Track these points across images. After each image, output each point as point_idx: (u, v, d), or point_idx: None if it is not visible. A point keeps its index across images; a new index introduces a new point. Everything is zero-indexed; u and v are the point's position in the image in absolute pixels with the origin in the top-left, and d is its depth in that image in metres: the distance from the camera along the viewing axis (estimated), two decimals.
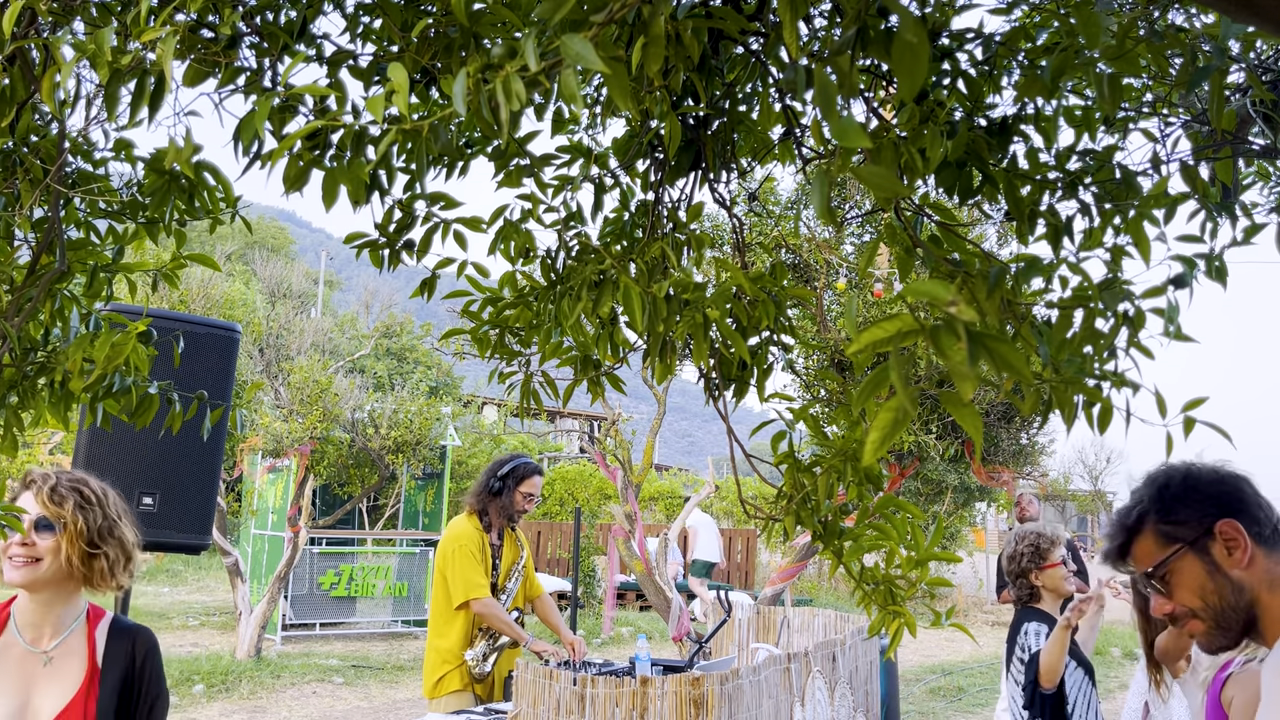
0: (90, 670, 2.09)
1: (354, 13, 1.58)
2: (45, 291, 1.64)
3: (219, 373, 3.39)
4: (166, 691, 2.23)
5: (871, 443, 0.86)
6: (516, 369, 1.93)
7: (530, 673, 3.69)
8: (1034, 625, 3.59)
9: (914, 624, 1.74)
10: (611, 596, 13.22)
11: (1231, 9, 1.19)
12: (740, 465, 2.12)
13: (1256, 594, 1.44)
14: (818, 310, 7.78)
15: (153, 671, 2.20)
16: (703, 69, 1.59)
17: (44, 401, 1.74)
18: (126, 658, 2.15)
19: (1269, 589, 1.44)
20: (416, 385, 21.91)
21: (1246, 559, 1.45)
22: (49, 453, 12.32)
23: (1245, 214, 1.62)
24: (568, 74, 0.94)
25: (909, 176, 1.48)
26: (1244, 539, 1.45)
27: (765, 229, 7.86)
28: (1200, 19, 1.57)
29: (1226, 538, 1.46)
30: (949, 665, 12.03)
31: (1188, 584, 1.49)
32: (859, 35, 1.08)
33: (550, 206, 1.78)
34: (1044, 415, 1.45)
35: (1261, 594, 1.44)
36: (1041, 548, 3.70)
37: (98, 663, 2.11)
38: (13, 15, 1.24)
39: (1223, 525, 1.46)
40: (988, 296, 1.25)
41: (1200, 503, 1.49)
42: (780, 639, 6.07)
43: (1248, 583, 1.45)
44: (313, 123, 1.18)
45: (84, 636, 2.13)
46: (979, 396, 7.57)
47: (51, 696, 2.03)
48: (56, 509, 2.05)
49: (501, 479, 4.40)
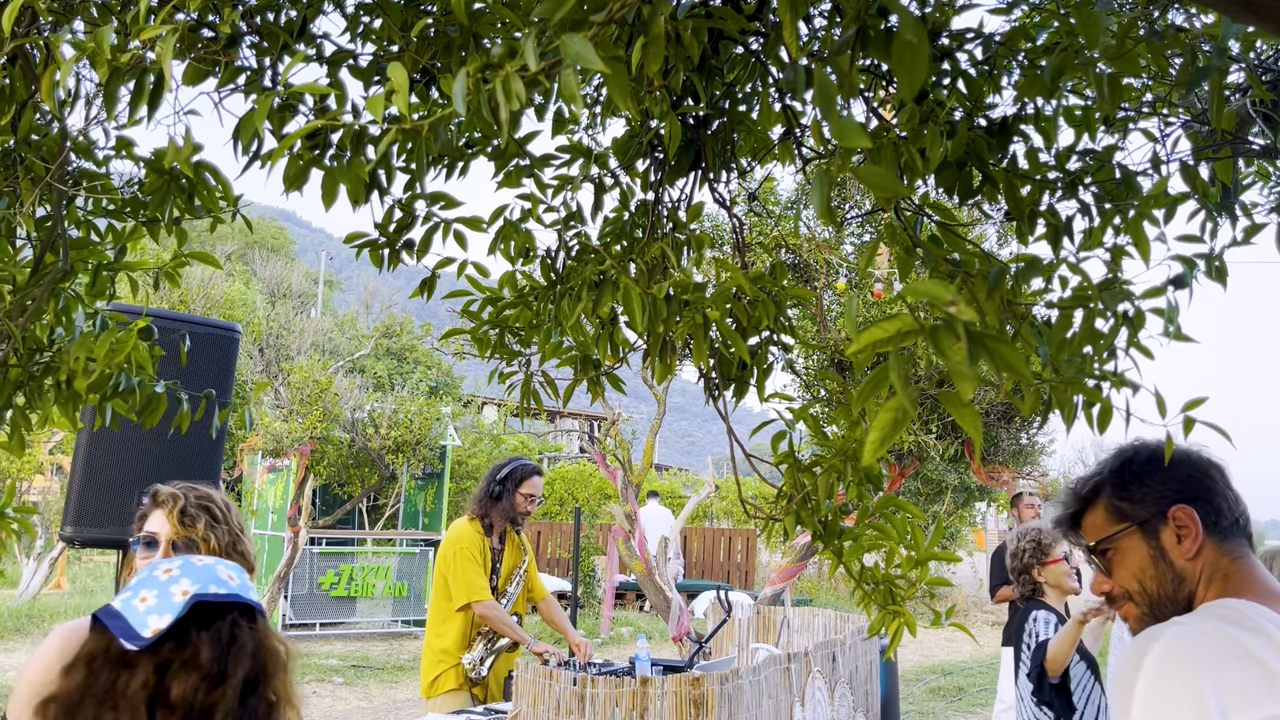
0: None
1: (354, 12, 1.58)
2: (49, 291, 1.64)
3: (219, 373, 3.39)
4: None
5: (871, 443, 0.86)
6: (516, 369, 1.93)
7: (530, 673, 3.69)
8: (1043, 614, 3.61)
9: (914, 624, 1.74)
10: (610, 596, 13.23)
11: (1231, 9, 1.19)
12: (740, 465, 2.12)
13: (1196, 588, 1.40)
14: (818, 310, 7.78)
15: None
16: (703, 69, 1.59)
17: (51, 402, 1.75)
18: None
19: (1206, 583, 1.39)
20: (416, 385, 21.92)
21: (1194, 549, 1.40)
22: (49, 452, 12.33)
23: (1245, 214, 1.62)
24: (568, 74, 0.94)
25: (909, 176, 1.48)
26: (1196, 528, 1.39)
27: (765, 229, 7.86)
28: (1200, 19, 1.57)
29: (1179, 524, 1.41)
30: (949, 665, 12.04)
31: (1129, 565, 1.45)
32: (859, 35, 1.08)
33: (550, 206, 1.78)
34: (1044, 415, 1.45)
35: (1199, 589, 1.40)
36: (1043, 543, 3.72)
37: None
38: (12, 14, 1.24)
39: (1176, 510, 1.41)
40: (988, 296, 1.26)
41: (1159, 484, 1.43)
42: (780, 639, 6.07)
43: (1189, 574, 1.40)
44: (313, 122, 1.18)
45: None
46: (979, 396, 7.57)
47: None
48: (189, 529, 2.04)
49: (501, 483, 4.40)
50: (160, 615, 1.28)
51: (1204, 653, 1.24)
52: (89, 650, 1.29)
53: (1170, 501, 1.42)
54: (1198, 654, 1.24)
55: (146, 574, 1.36)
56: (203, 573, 1.36)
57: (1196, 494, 1.42)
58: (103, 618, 1.29)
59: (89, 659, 1.28)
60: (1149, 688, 1.24)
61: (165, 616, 1.28)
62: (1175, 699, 1.22)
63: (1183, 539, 1.40)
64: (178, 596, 1.31)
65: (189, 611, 1.30)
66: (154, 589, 1.32)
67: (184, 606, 1.30)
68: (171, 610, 1.29)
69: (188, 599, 1.30)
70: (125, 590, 1.36)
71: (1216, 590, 1.39)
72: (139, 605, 1.30)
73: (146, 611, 1.29)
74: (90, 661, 1.28)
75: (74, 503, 3.21)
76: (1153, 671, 1.25)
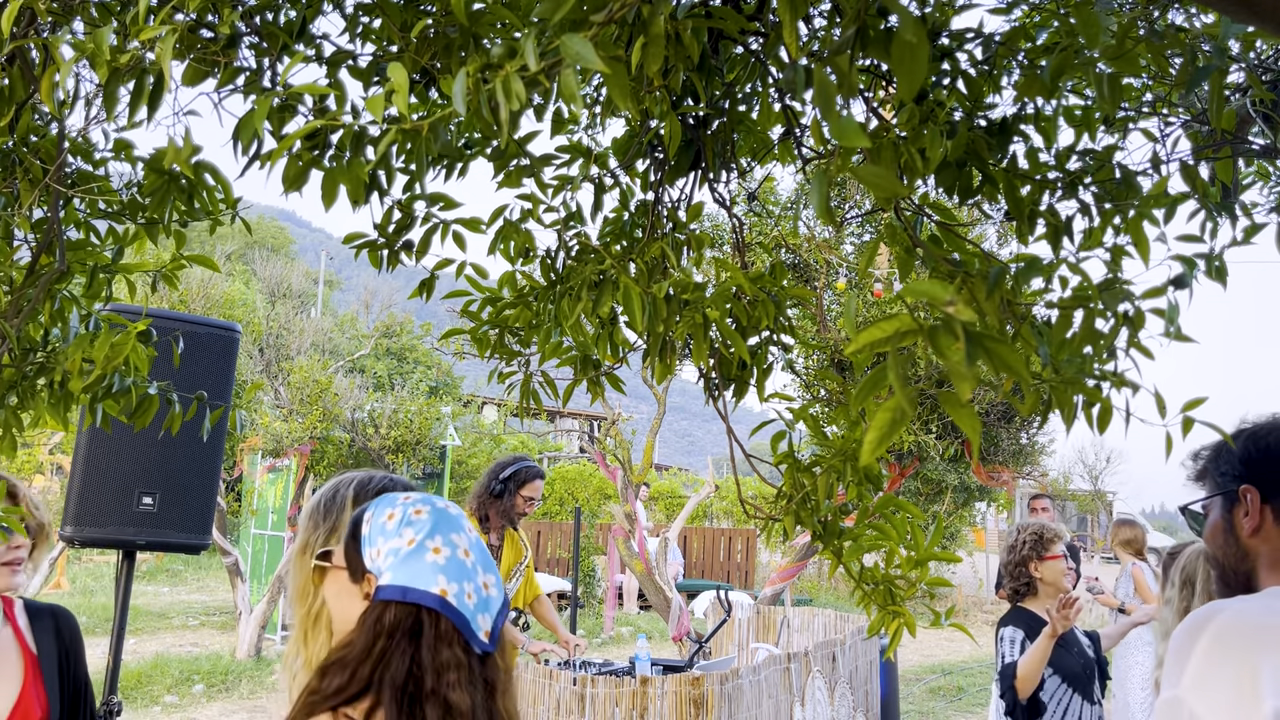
0: (25, 655, 2.10)
1: (354, 13, 1.58)
2: (45, 292, 1.64)
3: (219, 373, 3.39)
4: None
5: (870, 442, 0.86)
6: (516, 369, 1.93)
7: (530, 673, 3.69)
8: (1009, 631, 3.55)
9: (914, 624, 1.74)
10: (612, 596, 13.22)
11: (1231, 9, 1.19)
12: (740, 465, 2.12)
13: (1256, 565, 1.49)
14: (818, 310, 7.78)
15: (80, 646, 2.22)
16: (703, 69, 1.59)
17: (43, 402, 1.74)
18: (54, 637, 2.17)
19: (1270, 566, 1.47)
20: (416, 385, 21.92)
21: (1252, 529, 1.49)
22: (49, 453, 12.33)
23: (1245, 214, 1.62)
24: (567, 74, 0.94)
25: (909, 176, 1.47)
26: (1258, 510, 1.49)
27: (765, 229, 7.86)
28: (1200, 19, 1.57)
29: (1246, 503, 1.51)
30: (949, 665, 12.03)
31: (1211, 530, 1.57)
32: (859, 35, 1.08)
33: (550, 206, 1.78)
34: (1044, 415, 1.45)
35: (1262, 569, 1.48)
36: (1045, 538, 3.66)
37: (31, 647, 2.13)
38: (11, 15, 1.24)
39: (1245, 489, 1.51)
40: (987, 296, 1.25)
41: (1242, 462, 1.54)
42: (780, 639, 6.07)
43: (1251, 551, 1.50)
44: (312, 122, 1.18)
45: (8, 626, 2.13)
46: (979, 396, 7.57)
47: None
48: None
49: (503, 482, 4.40)
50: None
51: (1265, 633, 1.30)
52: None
53: (1243, 481, 1.53)
54: (1259, 634, 1.30)
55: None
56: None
57: (1271, 478, 1.51)
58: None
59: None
60: (1205, 658, 1.30)
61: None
62: (1228, 674, 1.27)
63: (1247, 516, 1.51)
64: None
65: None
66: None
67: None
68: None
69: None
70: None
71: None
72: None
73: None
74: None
75: (74, 503, 3.20)
76: (1211, 644, 1.31)
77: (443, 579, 1.27)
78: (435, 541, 1.30)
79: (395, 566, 1.29)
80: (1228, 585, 1.53)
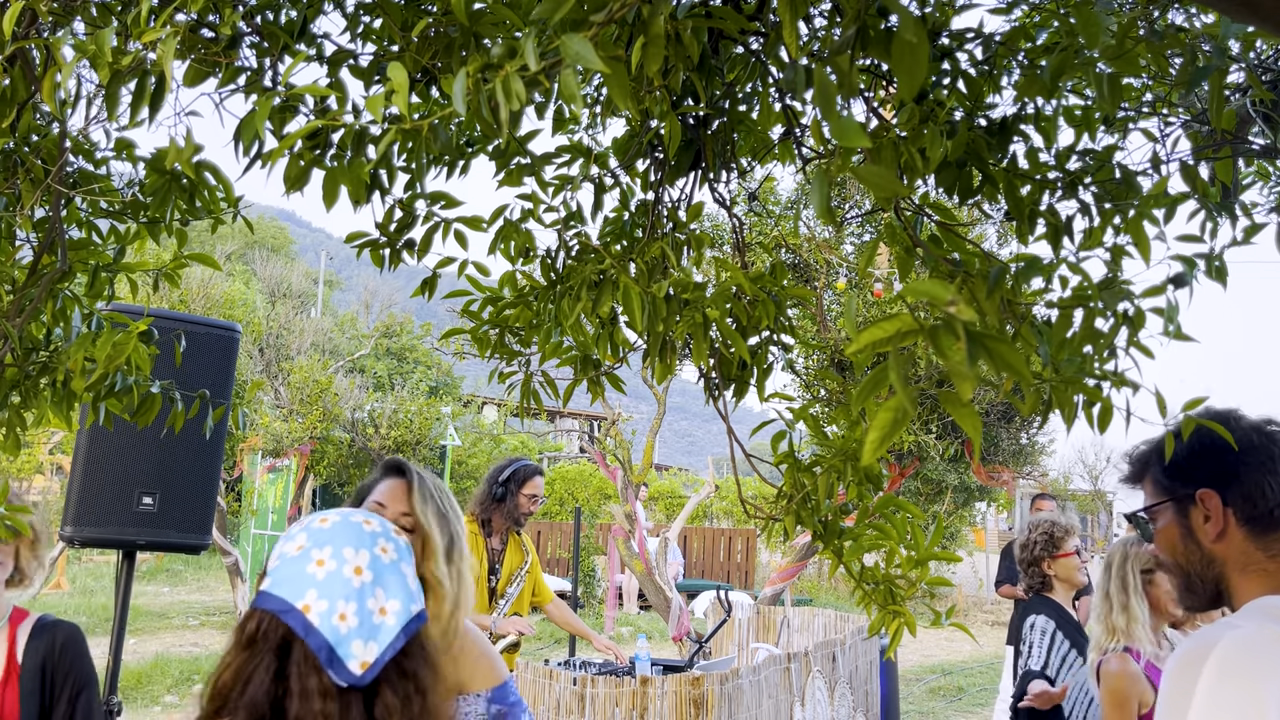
0: (9, 665, 2.16)
1: (354, 12, 1.59)
2: (47, 291, 1.64)
3: (219, 373, 3.39)
4: (95, 679, 2.28)
5: (870, 442, 0.86)
6: (516, 369, 1.93)
7: (530, 673, 3.69)
8: (1040, 620, 3.56)
9: (914, 624, 1.74)
10: (612, 596, 13.22)
11: (1231, 9, 1.19)
12: (740, 465, 2.12)
13: (1225, 571, 1.43)
14: (818, 310, 7.78)
15: (74, 658, 2.24)
16: (703, 69, 1.59)
17: (46, 401, 1.75)
18: (45, 649, 2.22)
19: (1241, 570, 1.41)
20: (416, 385, 21.92)
21: (1216, 534, 1.42)
22: (49, 453, 12.33)
23: (1245, 214, 1.62)
24: (568, 74, 0.94)
25: (909, 176, 1.48)
26: (1220, 515, 1.42)
27: (765, 229, 7.87)
28: (1200, 19, 1.57)
29: (1206, 508, 1.44)
30: (949, 665, 12.03)
31: (1165, 536, 1.50)
32: (859, 35, 1.08)
33: (550, 206, 1.78)
34: (1044, 415, 1.45)
35: (1232, 574, 1.42)
36: (1056, 536, 3.66)
37: (17, 658, 2.18)
38: (13, 15, 1.24)
39: (1202, 493, 1.44)
40: (988, 296, 1.26)
41: (1196, 465, 1.46)
42: (780, 639, 6.07)
43: (1219, 557, 1.43)
44: (313, 122, 1.19)
45: (4, 636, 2.21)
46: (979, 396, 7.57)
47: None
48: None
49: (504, 484, 4.39)
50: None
51: (1266, 659, 1.26)
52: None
53: (1199, 485, 1.45)
54: (1261, 661, 1.26)
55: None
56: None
57: (1229, 481, 1.44)
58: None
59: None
60: (1210, 693, 1.26)
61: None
62: (1238, 707, 1.23)
63: (1209, 522, 1.44)
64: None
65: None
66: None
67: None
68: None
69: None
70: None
71: (1259, 585, 1.40)
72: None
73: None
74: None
75: (74, 503, 3.20)
76: (1214, 677, 1.26)
77: (313, 593, 1.14)
78: (322, 553, 1.18)
79: (274, 572, 1.18)
80: (1194, 593, 1.46)
